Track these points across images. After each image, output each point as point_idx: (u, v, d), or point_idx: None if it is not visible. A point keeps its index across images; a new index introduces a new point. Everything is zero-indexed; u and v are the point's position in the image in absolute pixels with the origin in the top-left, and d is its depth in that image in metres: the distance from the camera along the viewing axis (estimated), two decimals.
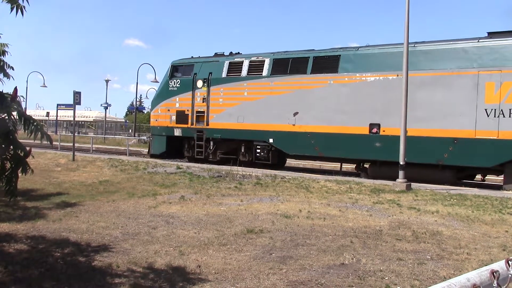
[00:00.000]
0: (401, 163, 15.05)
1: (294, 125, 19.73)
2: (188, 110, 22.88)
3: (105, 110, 56.69)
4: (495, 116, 15.76)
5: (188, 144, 23.43)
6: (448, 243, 8.08)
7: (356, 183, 15.36)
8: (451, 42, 17.13)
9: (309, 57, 19.80)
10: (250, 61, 21.39)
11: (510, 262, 1.28)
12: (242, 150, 21.55)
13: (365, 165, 19.23)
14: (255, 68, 21.13)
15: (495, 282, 1.20)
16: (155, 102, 24.56)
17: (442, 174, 17.06)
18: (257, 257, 7.07)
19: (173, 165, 19.84)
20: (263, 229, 8.84)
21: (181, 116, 23.04)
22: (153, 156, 24.19)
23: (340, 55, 19.09)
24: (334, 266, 6.69)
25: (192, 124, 22.70)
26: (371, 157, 18.36)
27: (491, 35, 16.60)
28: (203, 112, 22.41)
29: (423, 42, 17.87)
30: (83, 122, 77.63)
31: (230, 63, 21.99)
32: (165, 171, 17.98)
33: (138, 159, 22.26)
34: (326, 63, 19.31)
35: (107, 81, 59.35)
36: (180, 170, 18.30)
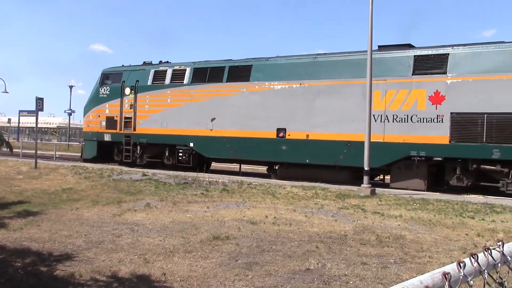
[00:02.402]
0: (366, 168, 15.31)
1: (211, 130, 21.04)
2: (117, 116, 24.00)
3: (69, 117, 55.70)
4: (381, 121, 17.32)
5: (117, 148, 24.41)
6: (411, 247, 8.23)
7: (321, 189, 15.50)
8: (346, 54, 18.75)
9: (225, 66, 21.20)
10: (173, 70, 22.64)
11: (461, 264, 1.33)
12: (166, 154, 22.69)
13: (275, 167, 20.56)
14: (177, 76, 22.38)
15: (446, 283, 1.24)
16: (87, 108, 25.44)
17: (339, 175, 18.42)
18: (223, 263, 7.05)
19: (138, 172, 19.62)
20: (229, 235, 8.82)
21: (111, 122, 24.13)
22: (85, 160, 25.05)
23: (252, 65, 20.51)
24: (300, 272, 6.73)
25: (120, 129, 23.79)
26: (279, 159, 19.77)
27: (380, 48, 18.23)
28: (131, 118, 23.58)
29: (325, 54, 19.57)
30: (46, 129, 76.04)
31: (155, 71, 23.20)
32: (131, 178, 17.77)
33: (103, 166, 21.93)
34: (240, 72, 20.71)
35: (71, 87, 58.08)
36: (145, 177, 18.11)
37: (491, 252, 1.51)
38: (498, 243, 1.59)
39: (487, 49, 16.09)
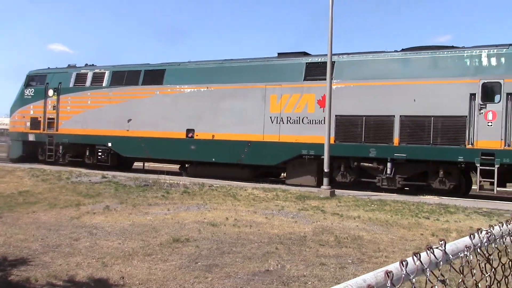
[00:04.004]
0: (326, 170, 15.55)
1: (128, 130, 22.23)
2: (40, 117, 24.95)
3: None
4: (277, 123, 18.84)
5: (41, 148, 25.22)
6: (368, 247, 8.41)
7: (282, 191, 15.63)
8: (248, 61, 20.25)
9: (141, 70, 22.48)
10: (94, 73, 23.75)
11: (404, 263, 1.39)
12: (87, 154, 23.66)
13: (186, 165, 21.70)
14: (97, 79, 23.51)
15: (389, 282, 1.30)
16: (13, 109, 26.35)
17: (242, 172, 19.68)
18: (182, 266, 7.04)
19: (98, 174, 19.30)
20: (190, 238, 8.80)
21: (35, 123, 25.06)
22: (12, 160, 25.72)
23: (165, 69, 21.86)
24: (259, 273, 6.79)
25: (44, 130, 24.73)
26: (189, 158, 20.97)
27: (280, 55, 19.88)
28: (53, 119, 24.54)
29: (231, 59, 20.95)
30: (2, 130, 73.72)
31: (77, 74, 24.29)
32: (90, 180, 17.46)
33: (61, 169, 21.47)
34: (154, 76, 21.98)
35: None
36: (105, 179, 17.83)
37: (433, 251, 1.58)
38: (440, 242, 1.66)
39: (367, 57, 17.67)
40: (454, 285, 1.79)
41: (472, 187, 17.65)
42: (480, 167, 15.48)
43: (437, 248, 1.65)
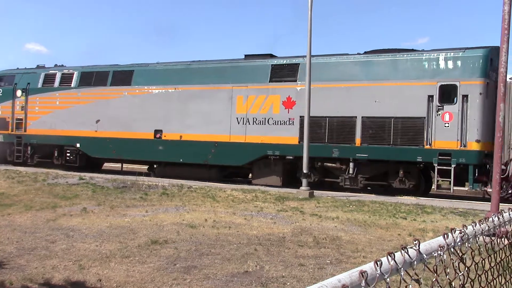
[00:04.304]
0: (305, 171, 15.61)
1: (96, 131, 22.34)
2: (9, 118, 24.86)
3: None
4: (243, 124, 19.15)
5: (9, 149, 25.08)
6: (347, 248, 8.46)
7: (261, 192, 15.65)
8: (215, 62, 20.66)
9: (109, 71, 22.62)
10: (62, 74, 23.81)
11: (378, 263, 1.40)
12: (56, 154, 23.62)
13: (155, 166, 21.92)
14: (66, 80, 23.58)
15: (363, 281, 1.30)
16: None
17: (210, 173, 19.95)
18: (160, 268, 6.99)
19: (75, 175, 19.08)
20: (168, 239, 8.75)
21: (3, 123, 24.96)
22: None
23: (133, 70, 22.05)
24: (238, 274, 6.78)
25: (12, 130, 24.69)
26: (157, 159, 21.20)
27: (246, 57, 20.32)
28: (22, 119, 24.51)
29: (198, 61, 21.28)
30: None
31: (45, 75, 24.30)
32: (67, 182, 17.25)
33: (37, 170, 21.16)
34: (123, 77, 22.14)
35: None
36: (82, 181, 17.63)
37: (407, 250, 1.60)
38: (414, 242, 1.68)
39: (330, 60, 18.14)
40: (428, 285, 1.81)
41: (433, 187, 18.03)
42: (438, 167, 15.94)
43: (411, 248, 1.67)
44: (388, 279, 1.44)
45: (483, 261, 2.17)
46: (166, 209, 12.20)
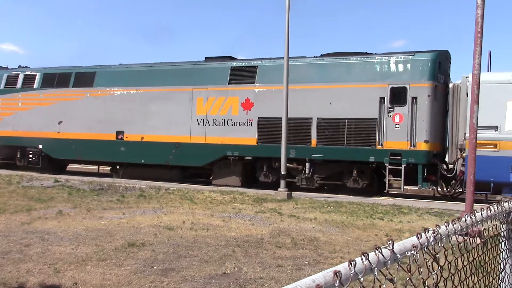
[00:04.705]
0: (283, 172, 15.65)
1: (59, 132, 22.41)
2: None
3: None
4: (203, 125, 19.51)
5: None
6: (324, 248, 8.51)
7: (239, 193, 15.64)
8: (177, 64, 20.95)
9: (72, 72, 22.75)
10: (25, 75, 23.85)
11: (352, 263, 1.41)
12: (18, 156, 23.60)
13: (117, 167, 21.87)
14: (28, 81, 23.60)
15: (337, 281, 1.31)
16: None
17: (171, 173, 20.19)
18: (138, 271, 6.93)
19: (50, 178, 18.81)
20: (145, 242, 8.68)
21: None
22: None
23: (96, 72, 22.21)
24: (216, 276, 6.76)
25: None
26: (119, 160, 21.38)
27: (207, 59, 20.71)
28: None
29: (160, 63, 21.52)
30: None
31: (8, 76, 24.29)
32: (42, 184, 16.99)
33: (11, 172, 20.81)
34: (85, 78, 22.30)
35: None
36: (58, 183, 17.39)
37: (381, 250, 1.61)
38: (388, 242, 1.70)
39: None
40: (403, 284, 1.82)
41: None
42: (389, 167, 16.45)
43: (385, 247, 1.68)
44: (362, 279, 1.45)
45: (456, 260, 2.20)
46: (143, 211, 12.11)
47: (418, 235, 1.82)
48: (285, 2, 15.84)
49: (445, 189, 17.16)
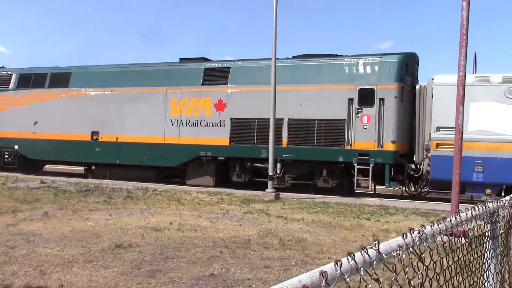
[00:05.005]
0: (270, 173, 15.67)
1: (34, 133, 22.44)
2: None
3: None
4: (177, 125, 19.74)
5: None
6: (312, 249, 8.53)
7: (227, 194, 15.63)
8: (151, 65, 21.19)
9: (47, 73, 22.85)
10: (0, 76, 23.96)
11: (338, 263, 1.42)
12: None
13: (93, 167, 22.33)
14: (4, 82, 23.67)
15: (323, 282, 1.32)
16: None
17: (146, 173, 20.40)
18: (125, 272, 6.90)
19: (36, 179, 18.64)
20: (132, 243, 8.64)
21: None
22: None
23: (71, 73, 22.36)
24: (204, 277, 6.75)
25: None
26: (94, 160, 21.66)
27: (181, 60, 21.04)
28: None
29: (136, 64, 21.81)
30: None
31: None
32: (27, 186, 16.84)
33: None
34: (61, 79, 22.42)
35: None
36: (44, 184, 17.25)
37: (367, 251, 1.62)
38: (374, 242, 1.71)
39: (259, 64, 18.83)
40: (388, 284, 1.84)
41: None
42: (357, 166, 16.78)
43: (371, 248, 1.70)
44: (348, 279, 1.46)
45: (441, 260, 2.22)
46: (130, 212, 12.05)
47: (404, 235, 1.83)
48: (273, 2, 15.87)
49: (412, 189, 17.60)
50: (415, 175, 17.01)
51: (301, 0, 64.14)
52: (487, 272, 3.17)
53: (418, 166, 17.10)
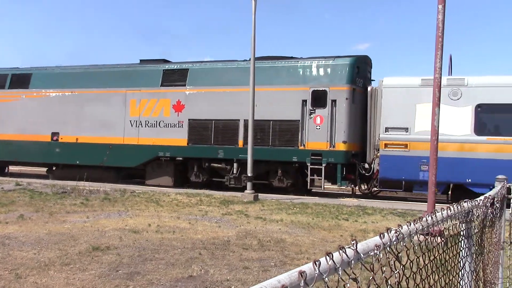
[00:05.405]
0: (249, 174, 15.69)
1: None
2: None
3: None
4: (136, 126, 20.02)
5: None
6: (291, 250, 8.57)
7: (206, 196, 15.60)
8: (111, 67, 21.33)
9: (8, 74, 22.90)
10: None
11: (317, 263, 1.43)
12: None
13: (54, 168, 22.31)
14: None
15: (302, 281, 1.33)
16: None
17: (106, 174, 20.37)
18: (102, 275, 6.83)
19: (11, 181, 18.34)
20: (110, 245, 8.56)
21: None
22: None
23: (32, 74, 22.38)
24: (183, 279, 6.72)
25: None
26: (55, 161, 21.77)
27: (141, 62, 21.29)
28: None
29: (96, 65, 21.77)
30: None
31: None
32: (2, 188, 16.54)
33: None
34: (21, 80, 22.43)
35: None
36: (19, 186, 16.97)
37: (345, 250, 1.64)
38: (352, 242, 1.73)
39: (217, 66, 19.29)
40: (366, 283, 1.86)
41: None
42: (311, 166, 17.21)
43: (349, 247, 1.71)
44: (326, 278, 1.48)
45: (418, 259, 2.26)
46: (108, 214, 11.94)
47: (381, 235, 1.86)
48: (252, 4, 15.89)
49: (363, 187, 18.18)
50: (366, 174, 17.55)
51: (281, 0, 64.34)
52: (462, 271, 3.22)
53: (369, 165, 17.58)
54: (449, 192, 16.98)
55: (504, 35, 57.94)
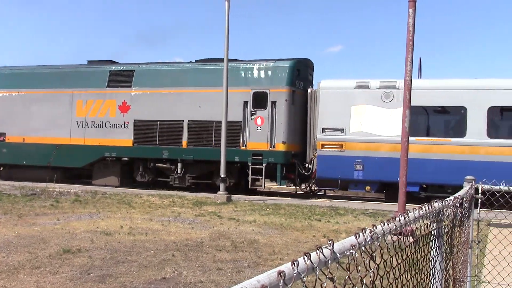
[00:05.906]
0: (222, 175, 15.67)
1: None
2: None
3: None
4: (82, 127, 20.14)
5: None
6: (264, 250, 8.60)
7: (179, 197, 15.52)
8: (58, 67, 21.37)
9: None
10: None
11: (295, 263, 1.45)
12: None
13: (1, 168, 22.36)
14: None
15: (281, 281, 1.35)
16: None
17: (53, 174, 19.56)
18: (74, 278, 6.73)
19: None
20: (81, 248, 8.45)
21: None
22: None
23: None
24: (156, 281, 6.68)
25: None
26: (1, 161, 21.73)
27: (89, 63, 21.46)
28: None
29: (43, 65, 21.86)
30: None
31: None
32: None
33: None
34: None
35: None
36: None
37: (322, 250, 1.67)
38: (329, 242, 1.76)
39: (162, 67, 19.58)
40: (342, 283, 1.89)
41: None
42: (252, 166, 17.62)
43: (326, 247, 1.74)
44: (304, 278, 1.50)
45: (391, 259, 2.30)
46: (79, 216, 11.77)
47: (356, 235, 1.89)
48: (225, 5, 15.89)
49: (303, 186, 18.63)
50: (306, 174, 17.99)
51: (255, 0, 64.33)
52: (433, 269, 3.30)
53: (308, 165, 18.01)
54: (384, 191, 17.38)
55: (475, 37, 59.28)
